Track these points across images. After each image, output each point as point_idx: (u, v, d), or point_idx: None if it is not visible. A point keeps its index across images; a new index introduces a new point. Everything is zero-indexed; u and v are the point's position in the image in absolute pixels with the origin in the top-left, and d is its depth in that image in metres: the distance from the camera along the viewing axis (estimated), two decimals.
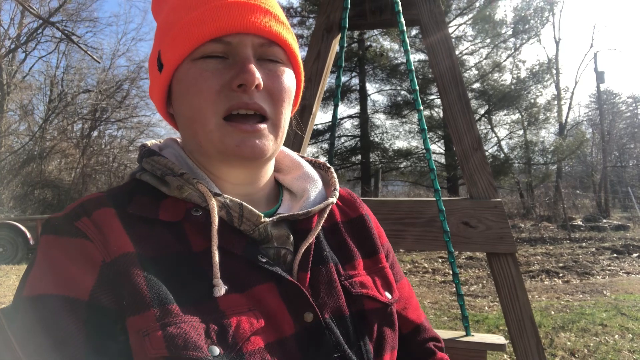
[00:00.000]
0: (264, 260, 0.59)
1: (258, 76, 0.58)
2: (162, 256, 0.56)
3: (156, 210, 0.60)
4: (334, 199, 0.70)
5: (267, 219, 0.62)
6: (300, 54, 0.69)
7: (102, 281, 0.53)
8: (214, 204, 0.59)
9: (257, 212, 0.61)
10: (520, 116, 17.95)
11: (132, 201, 0.60)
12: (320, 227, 0.67)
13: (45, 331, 0.50)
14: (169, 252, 0.57)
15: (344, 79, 17.80)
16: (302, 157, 0.78)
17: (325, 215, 0.68)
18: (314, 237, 0.65)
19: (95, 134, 20.30)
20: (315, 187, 0.72)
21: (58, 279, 0.53)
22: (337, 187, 0.74)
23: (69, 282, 0.52)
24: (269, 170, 0.70)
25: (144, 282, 0.53)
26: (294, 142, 1.70)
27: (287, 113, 0.64)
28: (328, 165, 0.78)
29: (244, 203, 0.61)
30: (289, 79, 0.64)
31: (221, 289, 0.55)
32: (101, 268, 0.53)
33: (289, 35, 0.64)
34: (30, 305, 0.52)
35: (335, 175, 0.76)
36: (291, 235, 0.65)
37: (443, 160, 18.28)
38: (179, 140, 0.72)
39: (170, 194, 0.61)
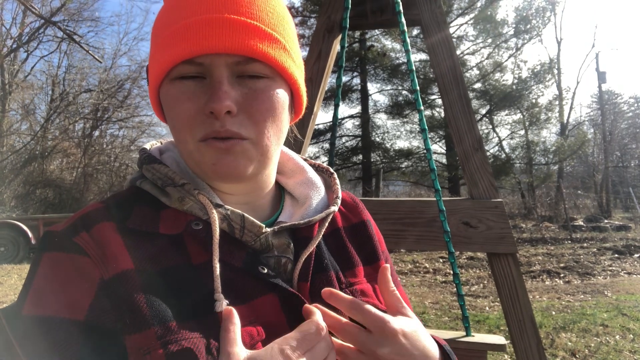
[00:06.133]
0: (265, 272, 0.59)
1: (228, 102, 0.54)
2: (161, 270, 0.56)
3: (156, 223, 0.59)
4: (335, 208, 0.69)
5: (268, 229, 0.61)
6: (299, 58, 0.66)
7: (99, 299, 0.52)
8: (215, 217, 0.58)
9: (258, 223, 0.60)
10: (521, 116, 17.92)
11: (132, 214, 0.60)
12: (321, 236, 0.66)
13: (42, 352, 0.50)
14: (169, 266, 0.56)
15: (345, 79, 17.81)
16: (306, 160, 0.77)
17: (327, 224, 0.68)
18: (315, 245, 0.65)
19: (96, 133, 20.37)
20: (318, 194, 0.71)
21: (55, 300, 0.52)
22: (340, 194, 0.73)
23: (66, 302, 0.52)
24: (269, 180, 0.68)
25: (143, 300, 0.52)
26: (295, 143, 1.71)
27: (273, 131, 0.60)
28: (332, 170, 0.77)
29: (245, 215, 0.60)
30: (273, 95, 0.59)
31: (222, 304, 0.54)
32: (98, 286, 0.53)
33: (271, 47, 0.58)
34: (29, 324, 0.52)
35: (338, 181, 0.75)
36: (291, 244, 0.64)
37: (444, 160, 18.27)
38: None
39: (171, 205, 0.60)
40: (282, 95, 0.61)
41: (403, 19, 1.68)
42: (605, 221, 14.20)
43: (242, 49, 0.55)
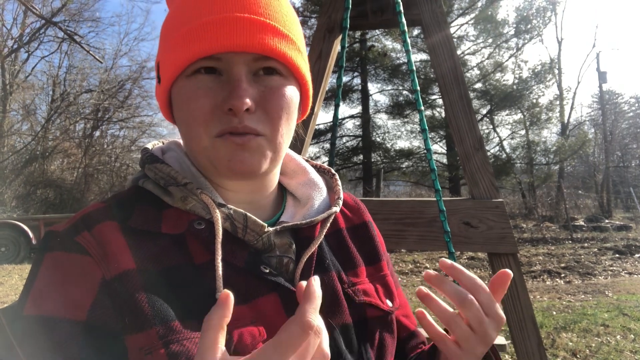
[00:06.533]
0: (267, 271, 0.59)
1: (247, 100, 0.55)
2: (164, 270, 0.56)
3: (159, 223, 0.59)
4: (337, 208, 0.70)
5: (271, 229, 0.62)
6: (307, 60, 0.67)
7: (100, 299, 0.53)
8: (218, 217, 0.58)
9: (261, 222, 0.60)
10: (522, 116, 17.91)
11: (134, 213, 0.60)
12: (322, 236, 0.66)
13: (43, 352, 0.50)
14: (171, 265, 0.56)
15: (345, 79, 17.81)
16: (308, 161, 0.78)
17: (328, 225, 0.68)
18: (317, 246, 0.65)
19: (97, 133, 20.40)
20: (320, 194, 0.71)
21: (57, 300, 0.53)
22: (341, 195, 0.73)
23: (67, 302, 0.52)
24: (274, 178, 0.69)
25: (145, 300, 0.52)
26: (296, 143, 1.70)
27: (286, 128, 0.61)
28: (333, 172, 0.77)
29: (248, 214, 0.60)
30: (288, 93, 0.61)
31: None
32: (100, 286, 0.53)
33: (287, 47, 0.59)
34: (31, 324, 0.52)
35: (339, 182, 0.75)
36: (293, 244, 0.65)
37: (445, 161, 18.26)
38: (182, 142, 0.71)
39: (174, 204, 0.60)
40: (294, 94, 0.62)
41: (403, 19, 1.68)
42: (606, 221, 14.20)
43: (262, 48, 0.57)
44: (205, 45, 0.56)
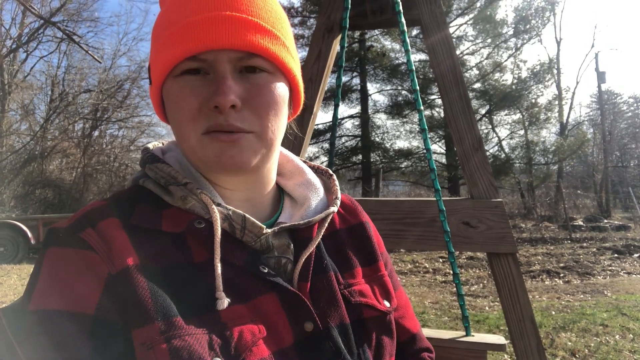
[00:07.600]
0: (265, 271, 0.59)
1: (232, 97, 0.56)
2: (165, 267, 0.56)
3: (159, 221, 0.60)
4: (335, 208, 0.70)
5: (269, 230, 0.62)
6: (296, 55, 0.67)
7: (107, 294, 0.53)
8: (217, 217, 0.59)
9: (259, 224, 0.61)
10: (521, 116, 17.93)
11: (135, 211, 0.60)
12: (320, 236, 0.66)
13: (50, 346, 0.50)
14: (172, 263, 0.57)
15: (344, 79, 17.81)
16: (305, 162, 0.78)
17: (326, 225, 0.68)
18: (315, 246, 0.65)
19: (96, 133, 20.34)
20: (317, 195, 0.72)
21: (63, 294, 0.53)
22: (339, 195, 0.73)
23: (74, 296, 0.52)
24: (271, 175, 0.69)
25: (148, 295, 0.53)
26: (295, 143, 1.70)
27: (276, 124, 0.61)
28: (331, 172, 0.77)
29: (246, 215, 0.61)
30: (275, 89, 0.61)
31: (224, 302, 0.55)
32: (106, 281, 0.53)
33: (271, 42, 0.59)
34: (36, 319, 0.52)
35: (337, 182, 0.76)
36: (291, 244, 0.65)
37: (444, 160, 18.28)
38: None
39: (174, 204, 0.61)
40: (282, 90, 0.62)
41: (403, 19, 1.68)
42: (605, 221, 14.21)
43: (245, 45, 0.57)
44: (188, 46, 0.56)
